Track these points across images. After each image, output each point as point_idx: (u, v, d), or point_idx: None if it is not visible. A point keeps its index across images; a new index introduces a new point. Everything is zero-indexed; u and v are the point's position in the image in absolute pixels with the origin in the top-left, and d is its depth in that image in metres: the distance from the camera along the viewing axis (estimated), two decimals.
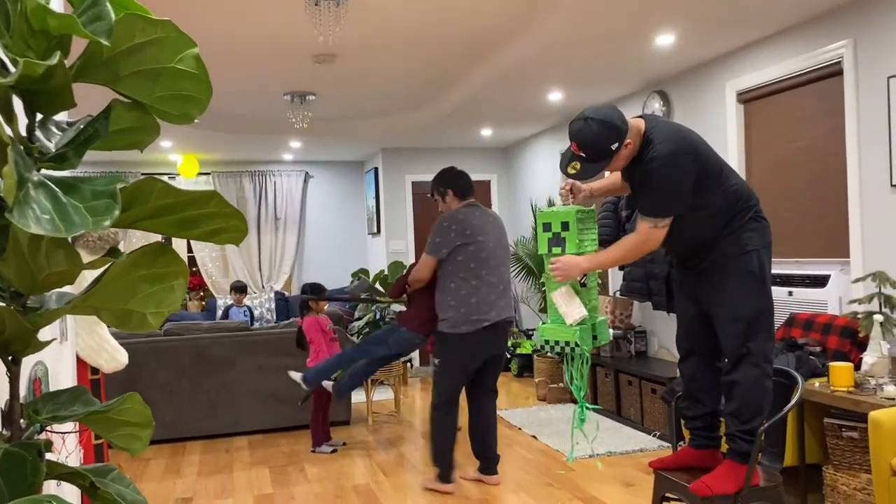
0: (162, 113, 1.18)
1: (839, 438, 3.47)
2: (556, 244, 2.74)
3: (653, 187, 2.53)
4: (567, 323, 2.70)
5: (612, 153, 2.51)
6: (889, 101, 3.78)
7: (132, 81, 1.13)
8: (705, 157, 2.54)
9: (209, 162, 9.05)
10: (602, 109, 2.53)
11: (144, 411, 1.33)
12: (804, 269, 4.50)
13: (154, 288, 1.18)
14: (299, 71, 5.29)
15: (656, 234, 2.55)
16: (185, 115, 1.19)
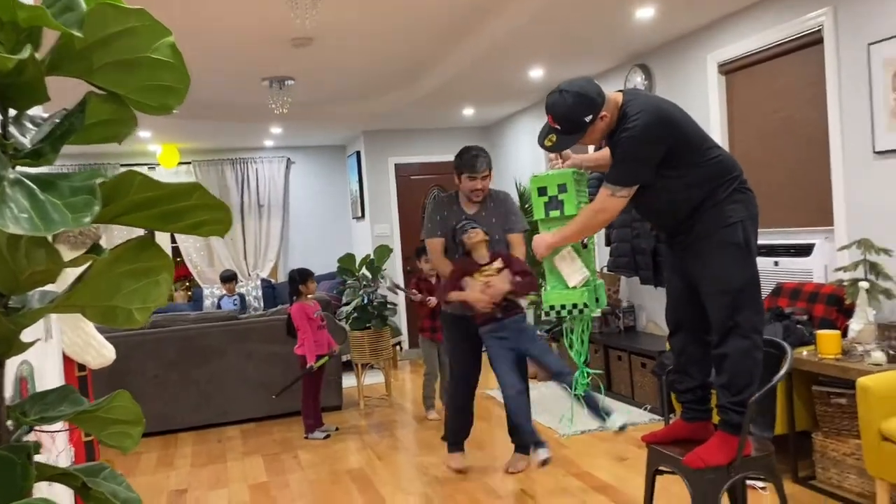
0: (139, 104, 1.15)
1: (828, 405, 3.51)
2: (553, 207, 2.74)
3: (618, 156, 2.54)
4: (571, 285, 2.71)
5: (587, 125, 2.53)
6: (870, 67, 3.79)
7: (107, 73, 1.10)
8: (685, 129, 2.54)
9: (189, 151, 8.95)
10: (577, 82, 2.55)
11: (134, 408, 1.31)
12: (789, 239, 4.52)
13: (139, 283, 1.16)
14: (277, 56, 5.22)
15: (614, 202, 2.55)
16: (163, 105, 1.16)
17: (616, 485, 3.81)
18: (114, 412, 1.32)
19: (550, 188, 2.74)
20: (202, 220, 1.16)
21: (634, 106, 2.51)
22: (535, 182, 2.78)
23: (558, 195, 2.73)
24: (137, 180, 1.07)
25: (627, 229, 5.42)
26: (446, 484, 4.03)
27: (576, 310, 2.73)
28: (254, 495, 4.09)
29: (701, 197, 2.54)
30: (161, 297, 1.21)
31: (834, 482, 3.47)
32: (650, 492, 2.83)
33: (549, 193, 2.74)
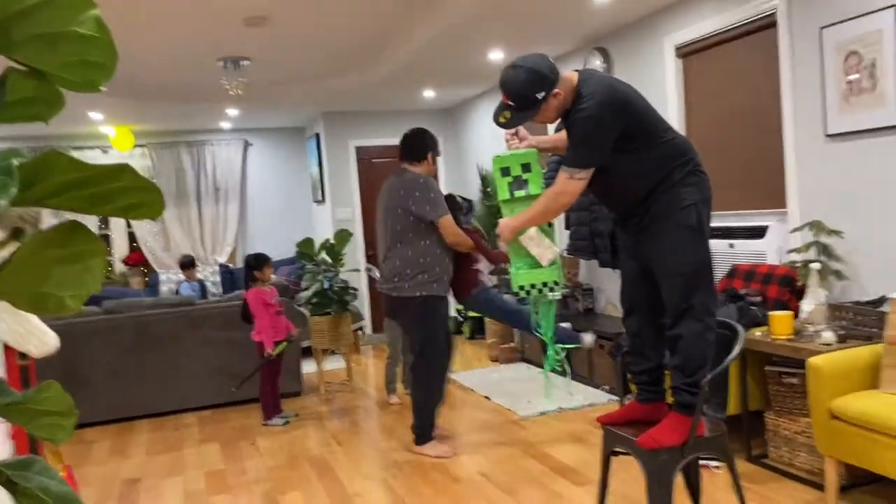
0: (64, 81, 1.09)
1: (780, 385, 3.57)
2: (518, 187, 2.72)
3: (573, 138, 2.53)
4: (543, 264, 2.71)
5: (539, 102, 2.52)
6: (822, 51, 3.83)
7: (28, 48, 1.04)
8: (638, 110, 2.53)
9: (144, 133, 8.75)
10: (530, 58, 2.54)
11: (65, 399, 1.26)
12: (744, 221, 4.57)
13: (70, 269, 1.11)
14: (231, 35, 5.10)
15: (573, 185, 2.54)
16: (89, 82, 1.11)
17: (575, 466, 3.84)
18: (44, 403, 1.27)
19: (514, 168, 2.72)
20: (133, 202, 1.11)
21: (589, 86, 2.50)
22: (498, 162, 2.75)
23: (522, 175, 2.71)
24: (63, 161, 1.02)
25: (586, 213, 5.43)
26: (406, 468, 4.02)
27: (546, 287, 2.73)
28: (209, 482, 4.04)
29: (655, 180, 2.54)
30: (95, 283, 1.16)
31: (785, 460, 3.54)
32: (606, 472, 2.85)
33: (512, 173, 2.73)
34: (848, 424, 2.97)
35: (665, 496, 2.54)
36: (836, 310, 3.52)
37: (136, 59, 5.59)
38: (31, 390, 1.22)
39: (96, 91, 1.14)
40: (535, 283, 2.75)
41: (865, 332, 3.36)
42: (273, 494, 3.78)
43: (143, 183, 1.11)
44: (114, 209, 1.15)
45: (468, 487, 3.67)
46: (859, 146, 3.73)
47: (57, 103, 1.16)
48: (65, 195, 1.10)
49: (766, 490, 3.33)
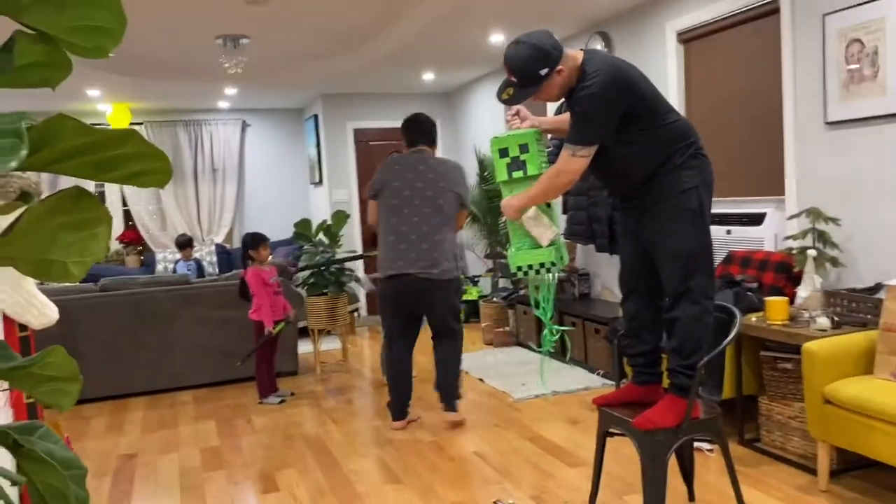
0: (72, 46, 1.09)
1: (774, 370, 3.59)
2: (516, 168, 2.72)
3: (577, 116, 2.53)
4: (543, 244, 2.71)
5: (542, 79, 2.52)
6: (824, 38, 3.83)
7: (36, 11, 1.04)
8: (642, 91, 2.53)
9: (141, 111, 8.71)
10: (534, 34, 2.55)
11: (70, 364, 1.27)
12: (741, 208, 4.59)
13: (75, 236, 1.12)
14: (231, 13, 5.07)
15: (575, 163, 2.54)
16: (98, 48, 1.10)
17: (568, 447, 3.87)
18: (48, 368, 1.28)
19: (512, 149, 2.72)
20: (140, 169, 1.11)
21: (593, 64, 2.50)
22: (496, 143, 2.75)
23: (520, 156, 2.71)
24: (69, 125, 1.02)
25: (584, 197, 5.44)
26: (401, 447, 4.04)
27: (543, 268, 2.73)
28: (205, 459, 4.06)
29: (657, 162, 2.55)
30: (99, 251, 1.16)
31: (778, 444, 3.57)
32: (601, 453, 2.87)
33: (510, 154, 2.72)
34: (841, 409, 3.00)
35: (660, 477, 2.56)
36: (832, 296, 3.54)
37: (134, 36, 5.56)
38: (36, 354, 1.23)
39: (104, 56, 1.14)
40: (532, 264, 2.75)
41: (860, 318, 3.38)
42: (268, 471, 3.80)
43: (149, 150, 1.12)
44: (121, 176, 1.16)
45: (462, 466, 3.70)
46: (859, 134, 3.74)
47: (65, 68, 1.16)
48: (72, 160, 1.11)
49: (759, 473, 3.36)
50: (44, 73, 1.14)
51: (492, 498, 3.28)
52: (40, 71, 1.14)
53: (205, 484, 3.69)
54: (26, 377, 1.23)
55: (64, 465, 1.20)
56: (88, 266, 1.15)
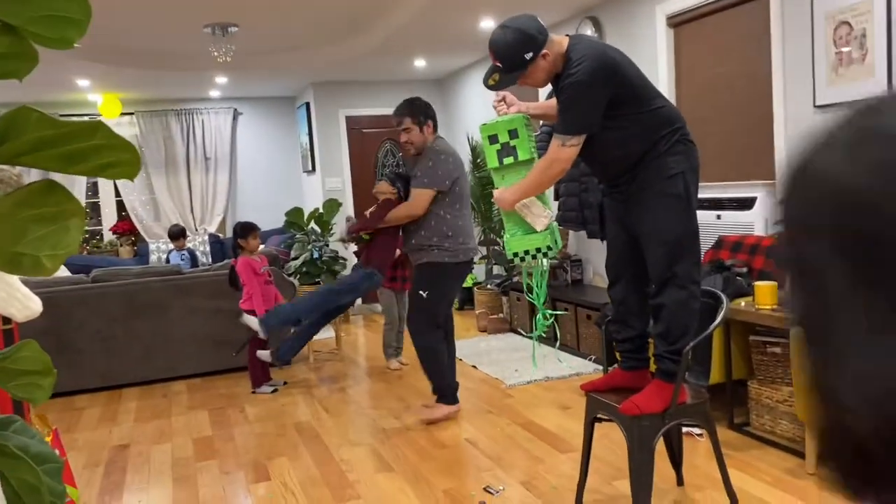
0: (37, 36, 1.08)
1: (763, 354, 3.60)
2: (506, 154, 2.71)
3: (563, 104, 2.52)
4: (538, 229, 2.71)
5: (527, 63, 2.52)
6: (812, 21, 3.81)
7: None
8: (628, 76, 2.52)
9: (132, 101, 8.66)
10: (519, 19, 2.54)
11: (43, 358, 1.27)
12: (732, 193, 4.58)
13: (47, 229, 1.11)
14: (218, 0, 5.03)
15: (565, 152, 2.53)
16: (63, 38, 1.10)
17: (559, 433, 3.88)
18: (21, 363, 1.28)
19: (501, 135, 2.70)
20: (108, 161, 1.10)
21: (578, 51, 2.49)
22: (486, 130, 2.74)
23: (510, 141, 2.69)
24: (34, 117, 1.02)
25: (575, 183, 5.43)
26: (393, 435, 4.05)
27: (540, 253, 2.73)
28: (198, 448, 4.07)
29: (643, 148, 2.54)
30: (73, 244, 1.15)
31: (767, 428, 3.58)
32: (589, 439, 2.88)
33: (500, 140, 2.71)
34: None
35: (646, 462, 2.57)
36: None
37: (122, 25, 5.52)
38: (8, 349, 1.22)
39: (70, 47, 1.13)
40: (528, 249, 2.75)
41: None
42: (260, 460, 3.81)
43: (117, 141, 1.11)
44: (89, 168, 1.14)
45: (454, 453, 3.71)
46: None
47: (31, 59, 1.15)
48: (38, 153, 1.10)
49: (748, 457, 3.38)
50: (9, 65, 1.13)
51: (482, 485, 3.30)
52: (5, 63, 1.12)
53: (197, 474, 3.70)
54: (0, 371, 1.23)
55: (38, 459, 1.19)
56: (62, 259, 1.15)
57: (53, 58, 5.93)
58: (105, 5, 4.92)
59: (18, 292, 2.41)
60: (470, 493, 3.22)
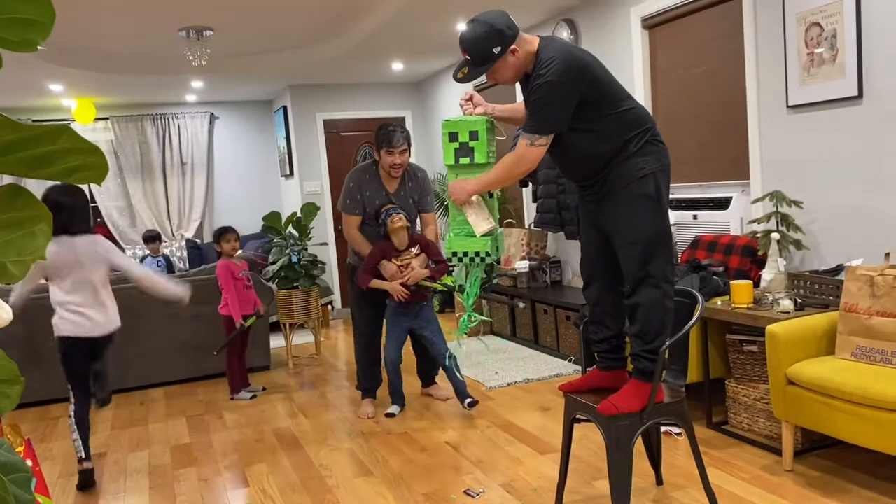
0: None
1: (740, 353, 3.63)
2: (463, 154, 2.71)
3: (533, 104, 2.53)
4: (476, 233, 2.71)
5: (495, 57, 2.54)
6: (784, 22, 3.85)
7: None
8: (598, 77, 2.53)
9: (106, 106, 8.57)
10: (489, 13, 2.56)
11: (10, 366, 1.25)
12: (708, 193, 4.62)
13: (12, 235, 1.09)
14: (193, 4, 4.99)
15: (532, 152, 2.55)
16: (27, 41, 1.08)
17: (539, 434, 3.89)
18: None
19: (462, 134, 2.71)
20: (75, 165, 1.08)
21: (548, 52, 2.50)
22: (447, 127, 2.74)
23: (469, 142, 2.70)
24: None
25: (553, 185, 5.45)
26: (372, 438, 4.04)
27: (478, 258, 2.73)
28: (175, 456, 4.02)
29: (613, 148, 2.55)
30: (39, 249, 1.14)
31: (745, 426, 3.61)
32: (568, 439, 2.89)
33: (459, 139, 2.71)
34: (803, 389, 3.04)
35: (625, 461, 2.58)
36: (795, 278, 3.58)
37: (96, 29, 5.46)
38: None
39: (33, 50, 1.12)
40: (467, 251, 2.75)
41: (823, 300, 3.43)
42: (238, 467, 3.78)
43: (84, 145, 1.09)
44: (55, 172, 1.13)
45: (434, 456, 3.70)
46: (819, 117, 3.78)
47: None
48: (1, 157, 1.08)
49: (725, 455, 3.40)
50: None
51: (462, 487, 3.29)
52: None
53: (175, 482, 3.66)
54: None
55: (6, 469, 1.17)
56: (28, 265, 1.13)
57: (24, 61, 5.86)
58: (77, 8, 4.87)
59: None
60: (450, 496, 3.21)
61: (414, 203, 4.41)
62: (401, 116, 8.86)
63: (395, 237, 4.20)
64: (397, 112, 8.84)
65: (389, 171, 4.27)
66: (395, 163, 4.21)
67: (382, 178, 4.34)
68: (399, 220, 4.16)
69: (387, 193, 4.32)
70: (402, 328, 4.33)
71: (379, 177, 4.34)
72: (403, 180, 4.37)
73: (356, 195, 4.30)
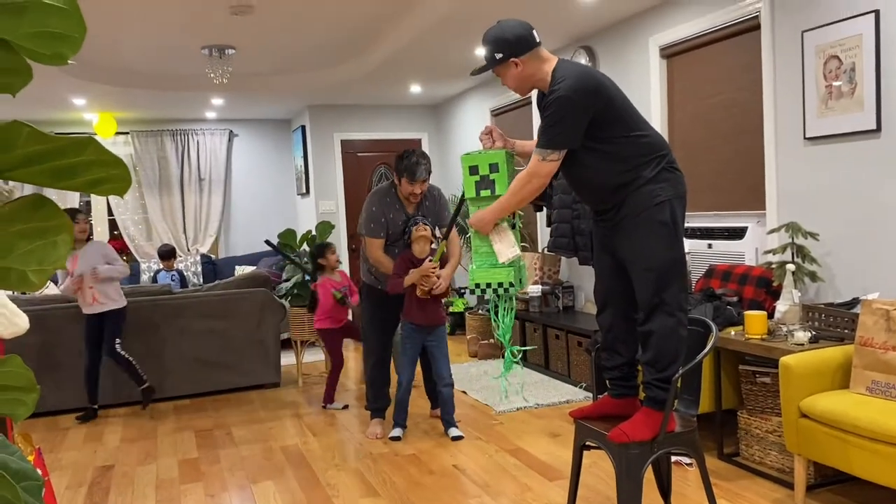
0: (31, 52, 1.09)
1: (753, 384, 3.60)
2: (484, 187, 2.72)
3: (545, 120, 2.56)
4: (500, 260, 2.71)
5: (496, 62, 2.64)
6: (803, 54, 3.86)
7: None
8: (612, 98, 2.55)
9: (127, 121, 8.69)
10: (510, 21, 2.66)
11: (26, 374, 1.26)
12: (723, 222, 4.61)
13: (34, 244, 1.11)
14: (216, 23, 5.07)
15: (544, 167, 2.55)
16: (57, 54, 1.10)
17: (548, 461, 3.86)
18: (4, 378, 1.26)
19: (482, 167, 2.72)
20: (98, 177, 1.10)
21: (562, 71, 2.55)
22: (467, 161, 2.76)
23: (490, 175, 2.71)
24: (24, 132, 1.02)
25: (568, 210, 5.46)
26: (380, 460, 4.02)
27: (501, 288, 2.73)
28: (183, 470, 4.02)
29: (628, 174, 2.56)
30: (60, 259, 1.15)
31: (757, 458, 3.57)
32: (577, 466, 2.86)
33: (480, 173, 2.73)
34: (816, 423, 3.01)
35: (634, 490, 2.55)
36: (810, 311, 3.56)
37: (120, 46, 5.55)
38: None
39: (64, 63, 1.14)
40: (490, 283, 2.75)
41: (838, 333, 3.40)
42: (245, 484, 3.77)
43: (107, 157, 1.11)
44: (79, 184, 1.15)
45: (441, 480, 3.68)
46: (837, 150, 3.77)
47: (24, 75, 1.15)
48: (28, 168, 1.10)
49: (736, 487, 3.36)
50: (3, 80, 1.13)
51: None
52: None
53: (181, 496, 3.66)
54: None
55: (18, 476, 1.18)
56: (49, 274, 1.14)
57: (50, 75, 5.96)
58: (104, 24, 4.95)
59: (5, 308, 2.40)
60: None
61: (433, 221, 4.44)
62: (417, 138, 8.91)
63: (416, 245, 4.27)
64: (414, 134, 8.90)
65: (408, 197, 4.34)
66: (414, 192, 4.27)
67: (402, 200, 4.38)
68: (423, 230, 4.25)
69: (407, 216, 4.37)
70: (417, 342, 4.34)
71: (398, 199, 4.38)
72: (422, 202, 4.40)
73: (380, 219, 4.33)
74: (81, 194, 8.23)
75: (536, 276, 6.19)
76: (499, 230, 2.71)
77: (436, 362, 4.37)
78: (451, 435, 4.32)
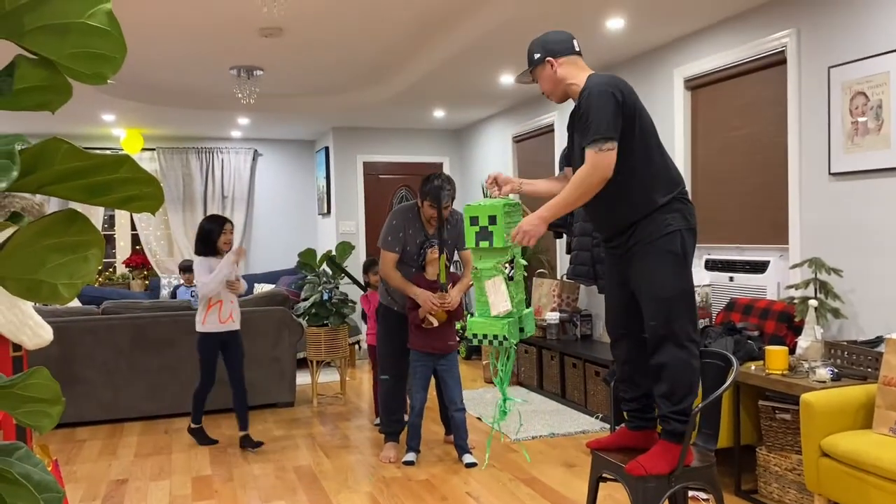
0: (72, 72, 1.11)
1: (773, 420, 3.55)
2: (483, 238, 2.72)
3: (585, 116, 2.56)
4: (493, 313, 2.71)
5: (535, 62, 2.75)
6: (829, 89, 3.86)
7: (38, 37, 1.07)
8: (641, 109, 2.61)
9: (154, 137, 8.82)
10: (556, 31, 2.82)
11: (53, 386, 1.27)
12: (745, 255, 4.58)
13: (65, 258, 1.13)
14: (245, 44, 5.16)
15: (604, 157, 2.51)
16: (98, 74, 1.13)
17: (563, 491, 3.82)
18: (31, 389, 1.28)
19: (482, 219, 2.73)
20: (132, 194, 1.12)
21: (593, 80, 2.61)
22: (468, 211, 2.77)
23: (488, 226, 2.72)
24: (63, 149, 1.04)
25: (588, 238, 5.45)
26: (392, 483, 4.00)
27: (496, 340, 2.73)
28: (196, 488, 4.02)
29: (642, 194, 2.56)
30: (90, 274, 1.17)
31: (775, 497, 3.51)
32: (593, 497, 2.83)
33: (479, 224, 2.74)
34: (838, 462, 2.96)
35: None
36: (832, 347, 3.52)
37: (150, 64, 5.65)
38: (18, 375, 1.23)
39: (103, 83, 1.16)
40: (486, 334, 2.75)
41: (860, 371, 3.35)
42: (257, 503, 3.76)
43: (142, 175, 1.13)
44: (113, 200, 1.17)
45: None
46: (862, 186, 3.74)
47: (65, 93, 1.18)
48: (64, 183, 1.12)
49: None
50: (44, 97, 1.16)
51: None
52: (40, 95, 1.16)
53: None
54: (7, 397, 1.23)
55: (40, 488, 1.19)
56: (79, 288, 1.16)
57: (82, 92, 6.07)
58: (136, 43, 5.05)
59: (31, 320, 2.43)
60: None
61: (452, 244, 4.47)
62: (439, 162, 8.96)
63: (430, 267, 4.34)
64: (436, 158, 8.95)
65: (430, 220, 4.38)
66: (435, 216, 4.32)
67: (424, 224, 4.41)
68: (434, 252, 4.32)
69: (426, 237, 4.40)
70: (427, 367, 4.36)
71: (420, 219, 4.41)
72: (443, 226, 4.41)
73: (398, 233, 4.36)
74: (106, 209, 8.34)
75: (554, 304, 6.17)
76: (494, 282, 2.71)
77: (447, 387, 4.37)
78: (465, 462, 4.29)
